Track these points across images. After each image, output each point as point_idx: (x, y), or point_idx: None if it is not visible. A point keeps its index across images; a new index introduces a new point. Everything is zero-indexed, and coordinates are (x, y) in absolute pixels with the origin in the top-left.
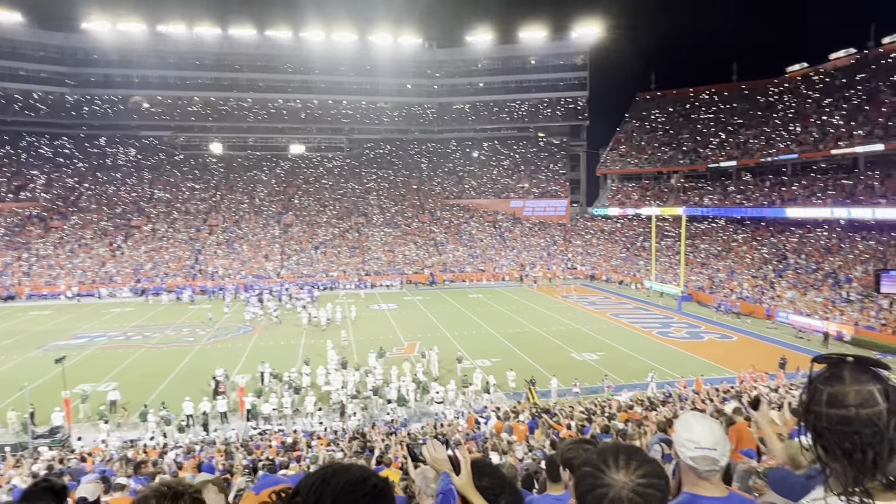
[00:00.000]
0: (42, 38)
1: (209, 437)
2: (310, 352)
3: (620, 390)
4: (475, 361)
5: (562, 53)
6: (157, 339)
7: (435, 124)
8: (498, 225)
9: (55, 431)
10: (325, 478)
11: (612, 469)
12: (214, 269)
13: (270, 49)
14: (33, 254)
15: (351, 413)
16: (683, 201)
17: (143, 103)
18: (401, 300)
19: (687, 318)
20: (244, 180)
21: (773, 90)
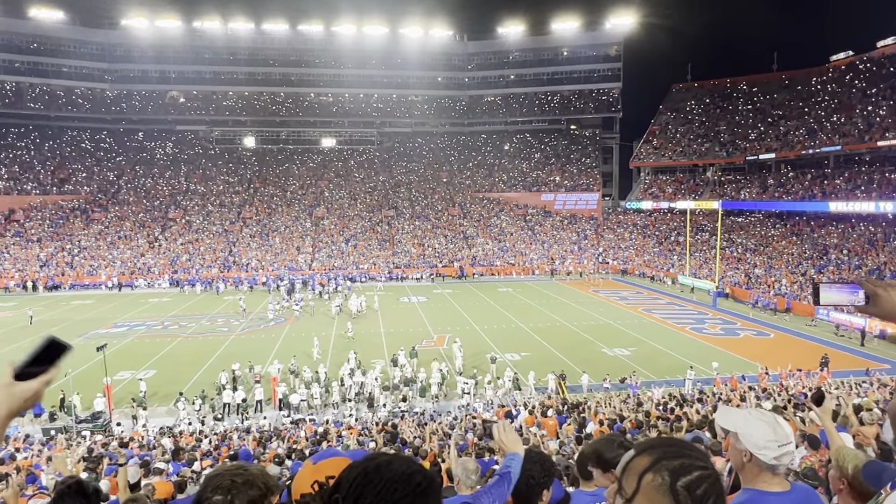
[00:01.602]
0: (83, 36)
1: (244, 426)
2: (339, 343)
3: (649, 386)
4: (504, 355)
5: (595, 44)
6: (192, 329)
7: (465, 117)
8: (528, 218)
9: (97, 416)
10: (367, 472)
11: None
12: (248, 261)
13: (303, 44)
14: (76, 245)
15: (381, 405)
16: (720, 195)
17: (179, 98)
18: (430, 293)
19: (722, 314)
20: (277, 173)
21: (815, 80)
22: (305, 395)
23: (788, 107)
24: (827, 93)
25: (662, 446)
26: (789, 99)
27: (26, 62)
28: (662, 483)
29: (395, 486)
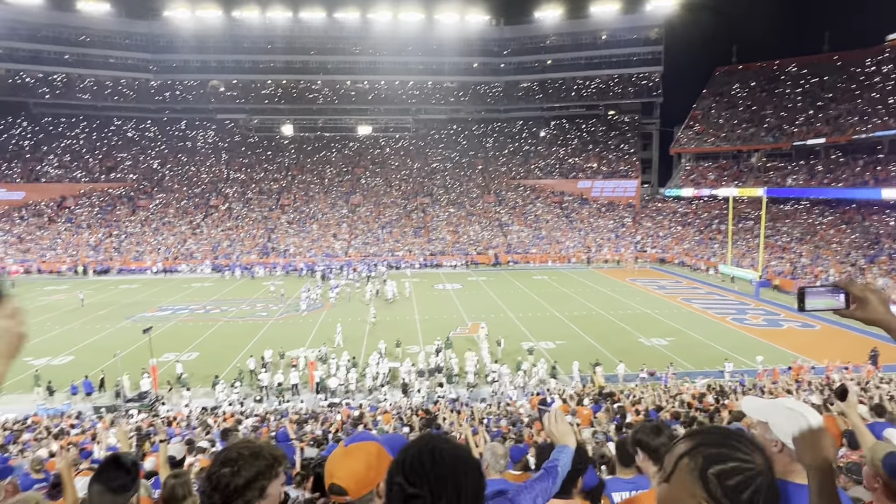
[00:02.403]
0: (128, 27)
1: (281, 408)
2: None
3: (692, 377)
4: (539, 343)
5: (635, 27)
6: (233, 314)
7: (501, 103)
8: (564, 206)
9: (143, 396)
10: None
11: (750, 454)
12: (286, 247)
13: (339, 31)
14: (123, 231)
15: (415, 390)
16: (764, 182)
17: (219, 87)
18: (464, 280)
19: (764, 305)
20: (314, 161)
21: (870, 61)
22: (343, 380)
23: (840, 89)
24: (882, 74)
25: (706, 433)
26: (841, 81)
27: (75, 54)
28: (695, 467)
29: (462, 460)
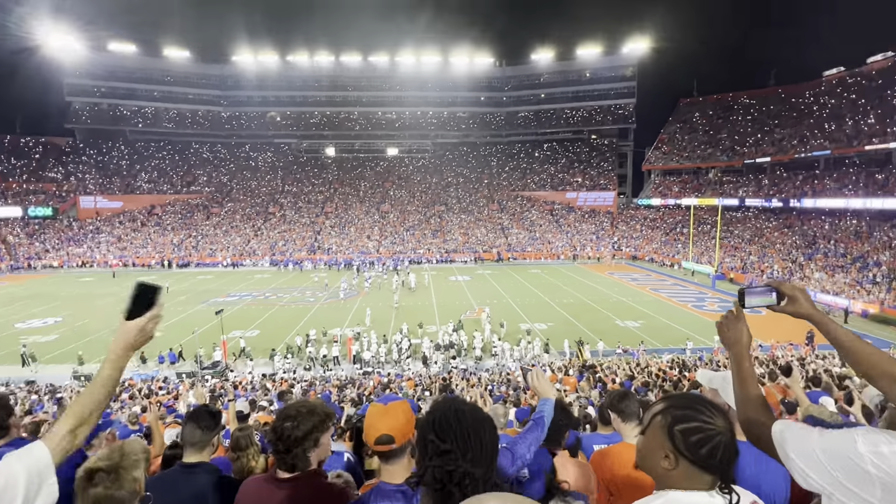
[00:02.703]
0: (204, 70)
1: (326, 375)
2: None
3: (651, 353)
4: (534, 325)
5: (613, 66)
6: (286, 299)
7: (503, 130)
8: (554, 213)
9: (216, 365)
10: (456, 412)
11: (715, 418)
12: (329, 246)
13: (372, 71)
14: (199, 233)
15: (433, 362)
16: (720, 193)
17: (276, 117)
18: (473, 273)
19: (720, 294)
20: (351, 177)
21: (809, 93)
22: (374, 353)
23: (783, 117)
24: (819, 104)
25: (677, 398)
26: (784, 110)
27: (162, 91)
28: (664, 424)
29: (480, 419)
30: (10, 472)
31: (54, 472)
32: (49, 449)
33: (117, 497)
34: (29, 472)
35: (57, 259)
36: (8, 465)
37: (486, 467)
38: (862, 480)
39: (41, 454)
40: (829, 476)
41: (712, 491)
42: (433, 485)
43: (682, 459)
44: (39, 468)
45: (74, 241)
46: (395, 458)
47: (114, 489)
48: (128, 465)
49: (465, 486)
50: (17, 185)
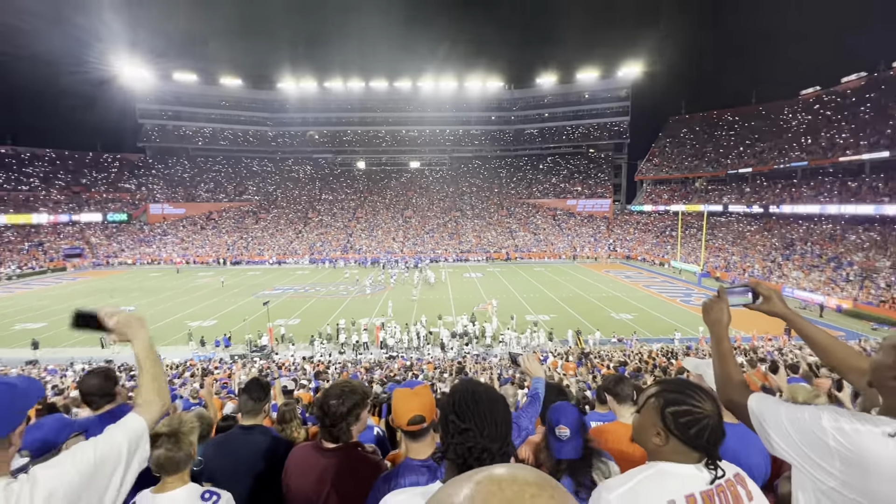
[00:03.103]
0: (254, 95)
1: (356, 358)
2: (418, 305)
3: (642, 342)
4: (538, 316)
5: (609, 88)
6: (323, 293)
7: (512, 145)
8: (557, 218)
9: (263, 348)
10: (473, 392)
11: (703, 402)
12: (360, 247)
13: (397, 95)
14: (249, 235)
15: (449, 348)
16: (705, 200)
17: (315, 136)
18: (484, 271)
19: (705, 290)
20: (379, 187)
21: (787, 110)
22: (398, 340)
23: (764, 132)
24: (797, 120)
25: (670, 383)
26: (765, 126)
27: (218, 114)
28: (657, 406)
29: (494, 399)
30: (114, 440)
31: (148, 437)
32: (143, 418)
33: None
34: (129, 440)
35: (131, 257)
36: (112, 436)
37: (502, 442)
38: (824, 453)
39: (137, 423)
40: (796, 447)
41: (699, 465)
42: (456, 459)
43: (672, 437)
44: (137, 434)
45: (145, 242)
46: (422, 437)
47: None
48: (185, 430)
49: (483, 460)
50: (98, 195)
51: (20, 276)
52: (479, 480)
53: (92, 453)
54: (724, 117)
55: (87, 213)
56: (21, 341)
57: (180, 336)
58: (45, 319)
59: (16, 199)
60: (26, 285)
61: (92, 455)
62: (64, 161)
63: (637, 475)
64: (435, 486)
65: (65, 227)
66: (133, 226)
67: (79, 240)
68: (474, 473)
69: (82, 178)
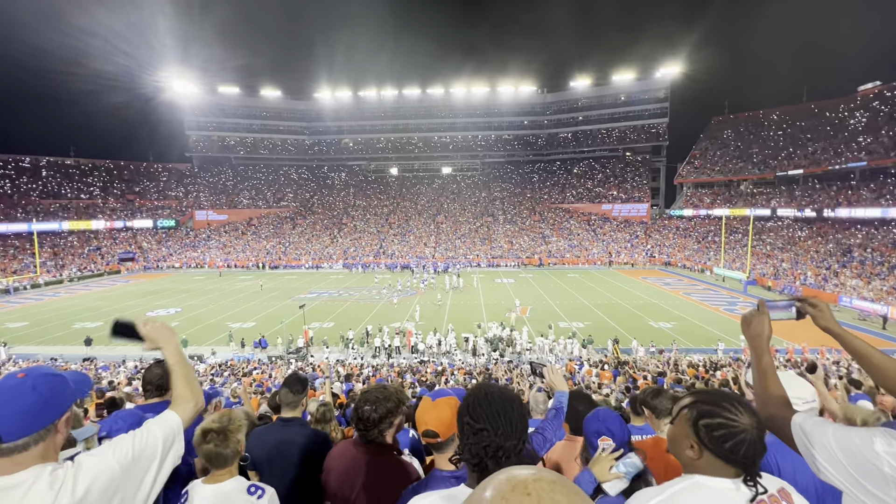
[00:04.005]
0: (292, 106)
1: (389, 362)
2: (452, 310)
3: (684, 352)
4: (572, 323)
5: (646, 90)
6: (357, 297)
7: (544, 149)
8: (591, 223)
9: (299, 350)
10: (486, 393)
11: (741, 415)
12: (392, 252)
13: (429, 101)
14: (287, 240)
15: (481, 353)
16: (751, 204)
17: (349, 143)
18: (517, 276)
19: (751, 299)
20: (412, 192)
21: (843, 107)
22: (429, 345)
23: (816, 131)
24: (854, 118)
25: (705, 394)
26: (818, 125)
27: (258, 125)
28: (690, 417)
29: (507, 398)
30: (151, 435)
31: (183, 434)
32: (179, 416)
33: (224, 454)
34: (165, 434)
35: (178, 261)
36: (150, 430)
37: (517, 440)
38: (878, 480)
39: (173, 420)
40: (846, 472)
41: (737, 479)
42: (471, 460)
43: (706, 451)
44: (173, 430)
45: (191, 246)
46: (442, 449)
47: (222, 447)
48: (234, 428)
49: (499, 458)
50: (150, 203)
51: (80, 278)
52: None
53: (131, 446)
54: (771, 116)
55: (140, 219)
56: (79, 339)
57: (221, 337)
58: (101, 319)
59: (77, 207)
60: (85, 287)
61: (131, 447)
62: (120, 171)
63: (671, 487)
64: (459, 489)
65: (119, 232)
66: (180, 231)
67: (132, 244)
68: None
69: (136, 187)
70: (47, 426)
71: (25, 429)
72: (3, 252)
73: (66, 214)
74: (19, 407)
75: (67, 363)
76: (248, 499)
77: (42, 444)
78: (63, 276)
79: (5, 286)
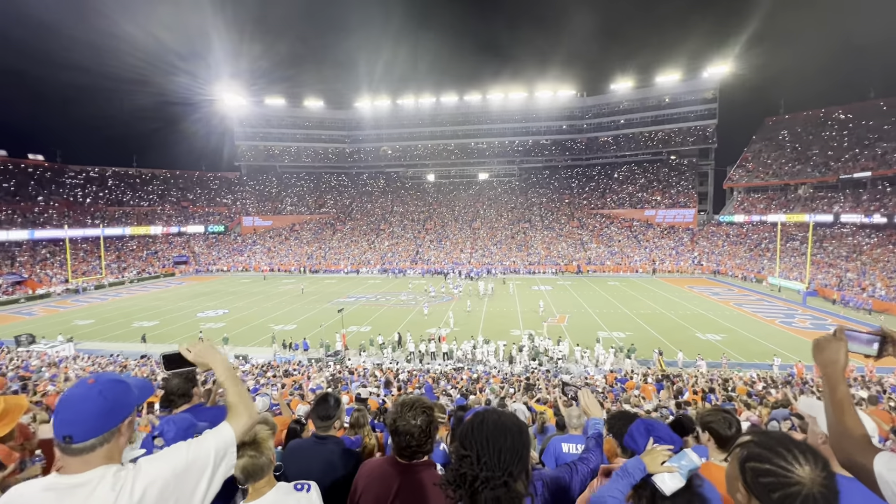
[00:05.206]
0: (333, 115)
1: (424, 367)
2: (487, 317)
3: (735, 367)
4: (612, 333)
5: (693, 90)
6: (393, 301)
7: (583, 154)
8: (633, 229)
9: (337, 353)
10: (472, 420)
11: (799, 466)
12: (429, 258)
13: (466, 108)
14: (327, 246)
15: (518, 361)
16: (811, 209)
17: (388, 151)
18: (554, 284)
19: (812, 311)
20: (448, 199)
21: None
22: (464, 351)
23: (886, 130)
24: None
25: (764, 435)
26: (887, 123)
27: (301, 134)
28: (740, 457)
29: (503, 428)
30: (205, 445)
31: (235, 447)
32: (233, 429)
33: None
34: (217, 447)
35: (226, 265)
36: (204, 440)
37: (502, 472)
38: None
39: (227, 432)
40: None
41: None
42: (451, 485)
43: (754, 498)
44: (226, 443)
45: (238, 251)
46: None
47: (257, 457)
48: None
49: (475, 489)
50: (201, 209)
51: (139, 279)
52: None
53: (185, 454)
54: (833, 115)
55: (192, 225)
56: (137, 337)
57: (265, 338)
58: (158, 318)
59: (138, 213)
60: (143, 288)
61: (185, 455)
62: (175, 179)
63: None
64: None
65: (174, 237)
66: (228, 236)
67: (185, 248)
68: None
69: (189, 194)
70: (112, 429)
71: (93, 431)
72: (75, 255)
73: (128, 220)
74: (88, 411)
75: (127, 359)
76: (297, 496)
77: (107, 445)
78: (125, 278)
79: (76, 286)
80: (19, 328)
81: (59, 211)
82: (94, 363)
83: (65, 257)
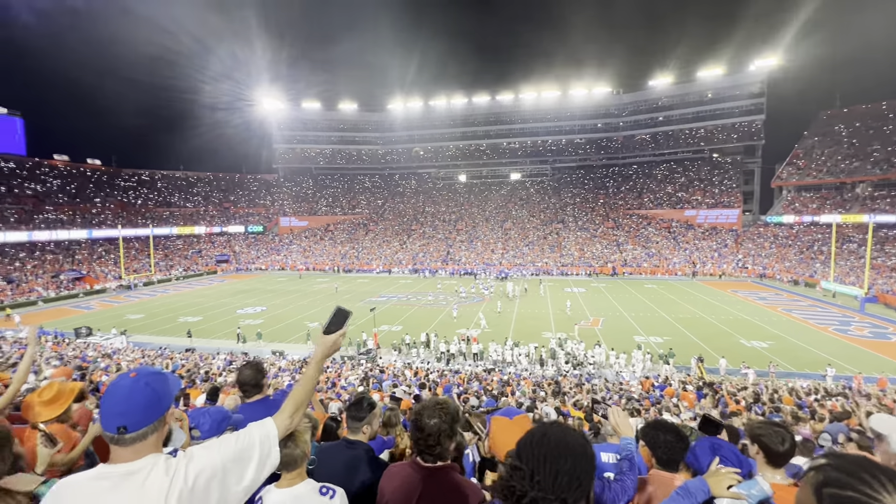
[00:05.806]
0: (367, 118)
1: (454, 368)
2: (519, 318)
3: (783, 377)
4: (649, 338)
5: (738, 85)
6: (423, 301)
7: (619, 153)
8: (672, 230)
9: (369, 352)
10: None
11: (886, 494)
12: (460, 258)
13: (498, 108)
14: (360, 245)
15: (549, 365)
16: (871, 209)
17: (419, 152)
18: (588, 286)
19: (870, 319)
20: (480, 199)
21: None
22: (494, 353)
23: None
24: None
25: (844, 458)
26: None
27: (336, 136)
28: (815, 482)
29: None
30: (251, 437)
31: (278, 444)
32: (277, 425)
33: (294, 455)
34: (261, 441)
35: (264, 264)
36: (251, 433)
37: (554, 496)
38: None
39: (271, 429)
40: None
41: None
42: (499, 494)
43: None
44: (269, 439)
45: (275, 250)
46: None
47: (292, 449)
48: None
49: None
50: (242, 210)
51: (185, 277)
52: None
53: (234, 445)
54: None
55: (233, 225)
56: (183, 331)
57: (300, 335)
58: (202, 314)
59: (184, 214)
60: (188, 285)
61: (234, 446)
62: (218, 181)
63: None
64: None
65: (217, 237)
66: (266, 236)
67: (226, 248)
68: None
69: (230, 196)
70: (160, 418)
71: (144, 420)
72: (127, 253)
73: (174, 221)
74: (138, 402)
75: (173, 353)
76: (320, 499)
77: (156, 434)
78: (171, 275)
79: (128, 283)
80: (78, 321)
81: (113, 212)
82: (144, 356)
83: (118, 255)
